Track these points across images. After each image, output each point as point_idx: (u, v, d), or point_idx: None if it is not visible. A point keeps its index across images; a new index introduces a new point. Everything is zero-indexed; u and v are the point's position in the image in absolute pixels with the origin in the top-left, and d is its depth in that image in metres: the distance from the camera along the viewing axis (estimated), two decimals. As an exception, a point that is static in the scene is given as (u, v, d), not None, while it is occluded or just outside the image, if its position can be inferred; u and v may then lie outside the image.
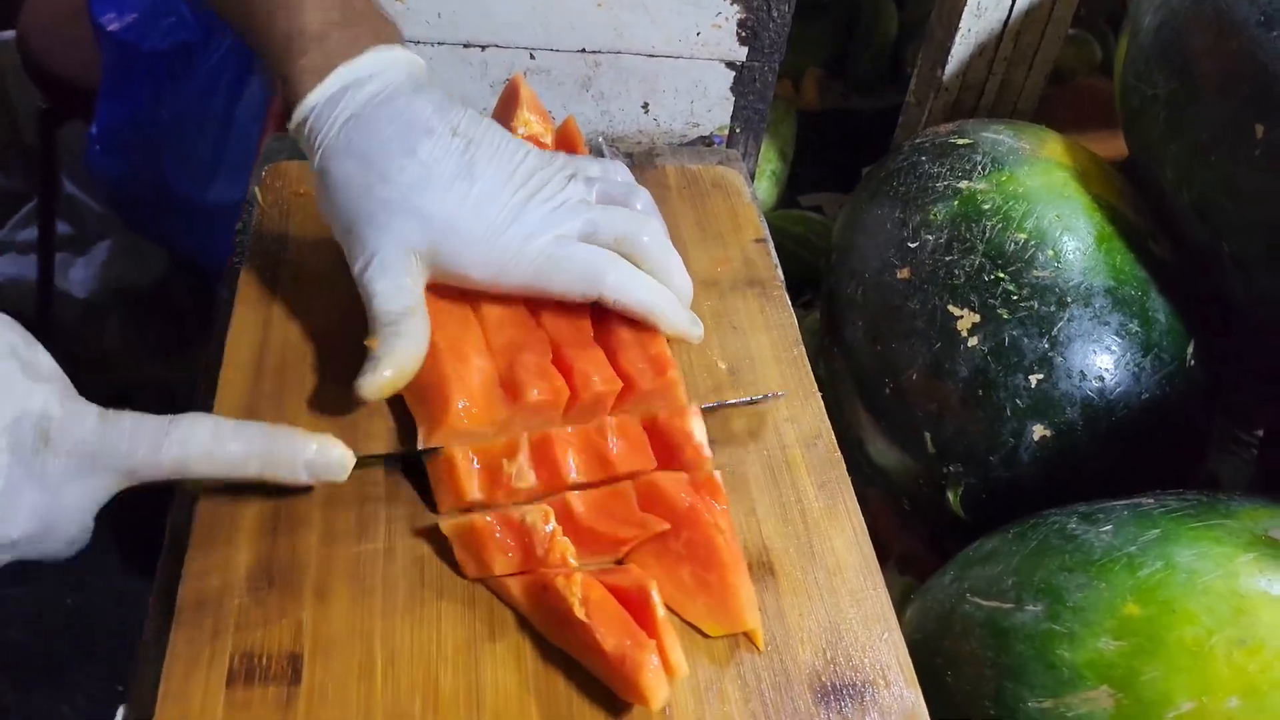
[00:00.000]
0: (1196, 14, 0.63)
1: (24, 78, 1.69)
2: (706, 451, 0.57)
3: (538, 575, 0.51)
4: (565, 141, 0.69)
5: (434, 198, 0.55)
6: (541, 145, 0.68)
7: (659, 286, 0.60)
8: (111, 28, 1.43)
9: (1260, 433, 0.76)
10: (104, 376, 1.83)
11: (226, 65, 1.40)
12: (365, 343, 0.56)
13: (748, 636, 0.52)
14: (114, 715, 0.49)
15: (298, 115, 0.56)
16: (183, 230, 1.53)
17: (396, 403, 0.59)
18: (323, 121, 0.55)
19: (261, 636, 0.49)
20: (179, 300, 1.93)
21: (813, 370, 0.66)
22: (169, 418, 0.49)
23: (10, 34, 1.75)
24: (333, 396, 0.60)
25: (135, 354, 1.90)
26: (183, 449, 0.49)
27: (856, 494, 0.59)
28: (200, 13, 1.41)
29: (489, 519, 0.52)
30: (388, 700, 0.48)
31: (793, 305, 0.72)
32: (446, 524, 0.53)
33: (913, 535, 0.75)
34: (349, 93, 0.55)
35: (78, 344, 1.86)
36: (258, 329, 0.63)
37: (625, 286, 0.58)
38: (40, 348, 0.49)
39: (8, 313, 0.48)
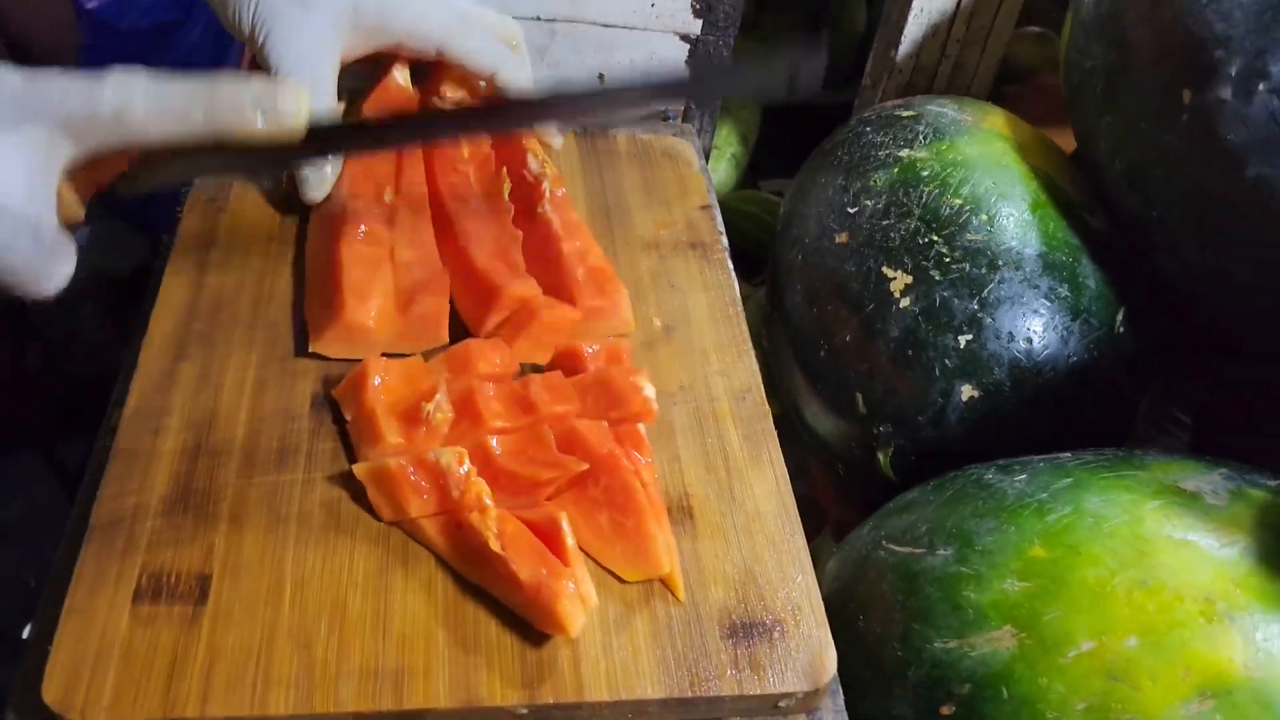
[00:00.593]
0: (1133, -14, 0.64)
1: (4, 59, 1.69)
2: (654, 406, 0.57)
3: (453, 515, 0.51)
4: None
5: None
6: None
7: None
8: (90, 5, 1.44)
9: (1189, 418, 0.76)
10: (80, 360, 1.83)
11: (203, 45, 1.40)
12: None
13: (666, 585, 0.52)
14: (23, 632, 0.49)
15: None
16: (160, 209, 1.53)
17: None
18: None
19: (172, 557, 0.50)
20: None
21: (759, 343, 0.67)
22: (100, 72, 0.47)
23: (-8, 15, 1.77)
24: (264, 336, 0.60)
25: (113, 339, 1.90)
26: (121, 97, 0.46)
27: (796, 464, 0.60)
28: (179, -6, 1.42)
29: (403, 462, 0.52)
30: (294, 621, 0.48)
31: (746, 285, 0.73)
32: (360, 468, 0.53)
33: (849, 505, 0.75)
34: None
35: (55, 327, 1.87)
36: (193, 272, 0.63)
37: (519, 74, 0.66)
38: None
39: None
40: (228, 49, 1.41)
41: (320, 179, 0.61)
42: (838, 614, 0.53)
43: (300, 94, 0.50)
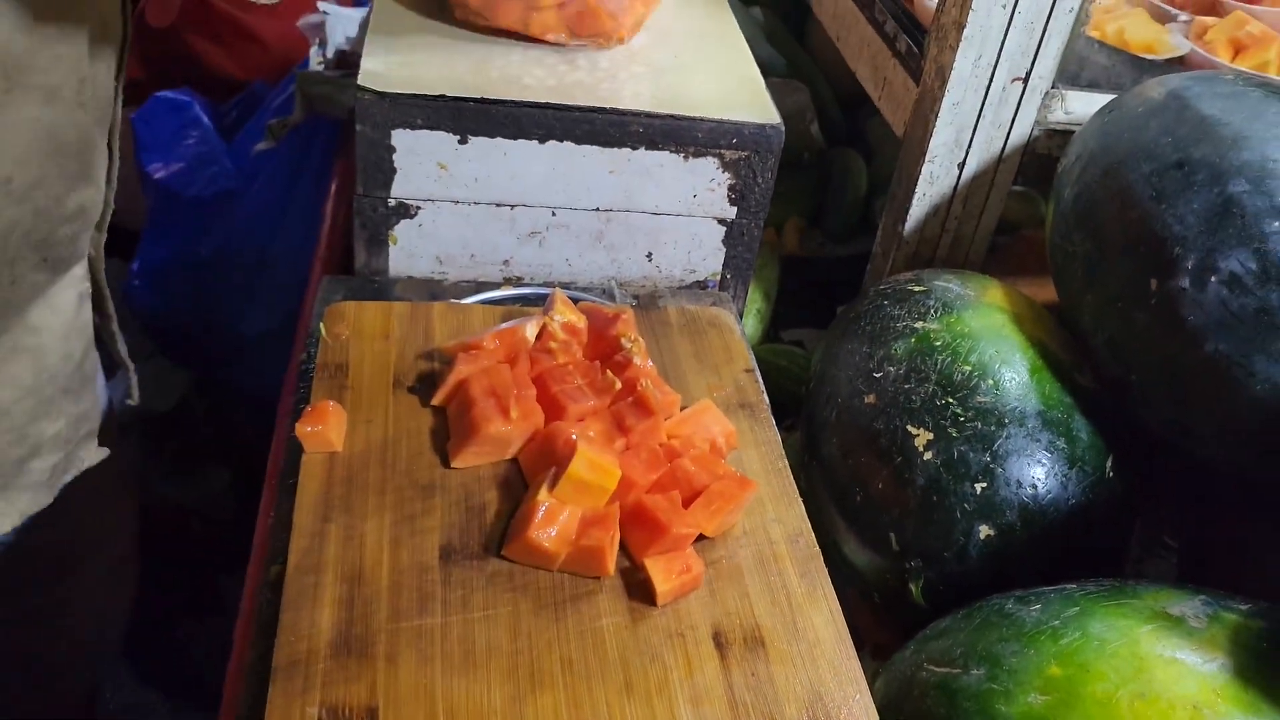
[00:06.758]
0: (1104, 187, 0.77)
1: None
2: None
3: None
4: (599, 338, 0.83)
5: None
6: (574, 334, 0.82)
7: None
8: (157, 176, 1.57)
9: (1176, 543, 0.87)
10: (124, 492, 1.93)
11: (265, 210, 1.53)
12: None
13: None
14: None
15: None
16: (216, 357, 1.65)
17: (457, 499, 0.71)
18: None
19: (343, 693, 0.60)
20: (195, 423, 2.05)
21: (796, 481, 0.78)
22: None
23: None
24: (393, 500, 0.71)
25: (153, 472, 2.00)
26: None
27: (836, 591, 0.71)
28: (241, 163, 1.56)
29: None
30: (449, 743, 0.58)
31: (778, 426, 0.85)
32: None
33: (885, 628, 0.86)
34: None
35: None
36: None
37: None
38: None
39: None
40: (284, 216, 1.55)
41: None
42: (889, 727, 0.64)
43: None
